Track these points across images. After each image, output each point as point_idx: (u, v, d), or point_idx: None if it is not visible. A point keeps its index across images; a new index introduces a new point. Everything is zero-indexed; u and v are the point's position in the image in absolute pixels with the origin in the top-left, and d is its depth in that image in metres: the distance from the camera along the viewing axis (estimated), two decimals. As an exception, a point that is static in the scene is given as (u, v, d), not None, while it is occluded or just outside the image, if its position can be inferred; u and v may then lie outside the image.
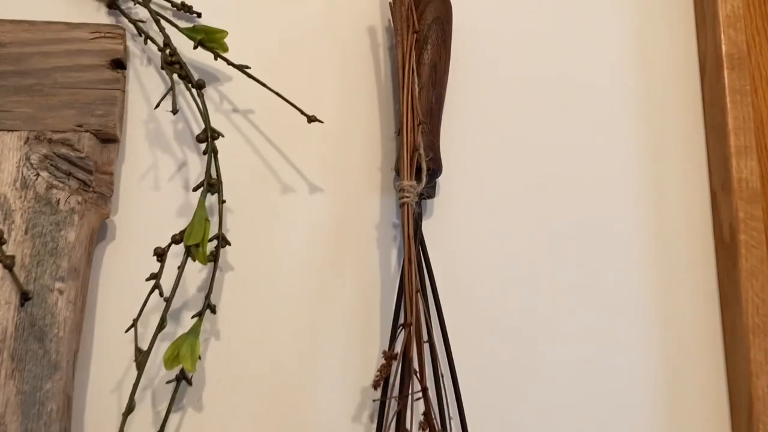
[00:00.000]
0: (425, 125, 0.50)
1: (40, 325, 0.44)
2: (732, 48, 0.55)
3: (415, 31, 0.51)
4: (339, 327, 0.50)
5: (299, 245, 0.51)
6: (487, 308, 0.51)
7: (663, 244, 0.54)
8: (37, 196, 0.47)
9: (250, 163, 0.52)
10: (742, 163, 0.54)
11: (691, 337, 0.53)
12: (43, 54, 0.49)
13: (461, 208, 0.53)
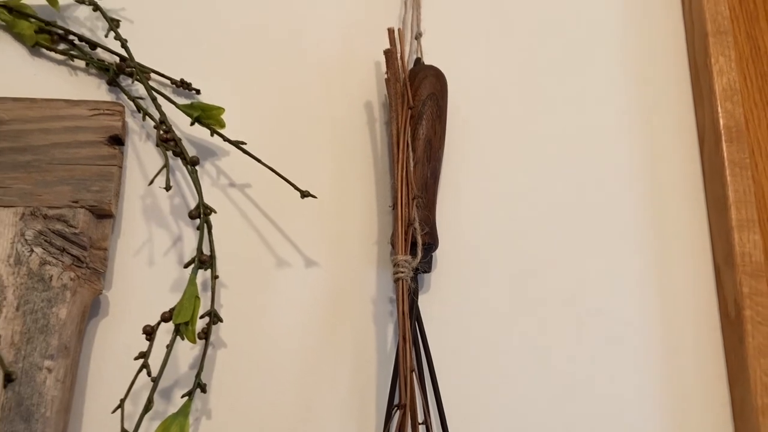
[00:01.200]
0: (420, 199, 0.50)
1: (27, 405, 0.44)
2: (730, 121, 0.55)
3: (410, 107, 0.52)
4: (333, 407, 0.49)
5: (294, 321, 0.51)
6: (487, 387, 0.50)
7: (668, 321, 0.53)
8: (30, 272, 0.47)
9: (246, 237, 0.52)
10: (745, 237, 0.53)
11: (700, 417, 0.51)
12: (43, 131, 0.50)
13: (459, 282, 0.53)
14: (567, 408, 0.50)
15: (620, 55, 0.59)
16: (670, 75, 0.59)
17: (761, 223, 0.54)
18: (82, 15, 0.56)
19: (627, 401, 0.50)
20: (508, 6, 0.60)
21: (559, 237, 0.54)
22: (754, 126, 0.57)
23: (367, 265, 0.52)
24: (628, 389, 0.51)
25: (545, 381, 0.50)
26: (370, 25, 0.58)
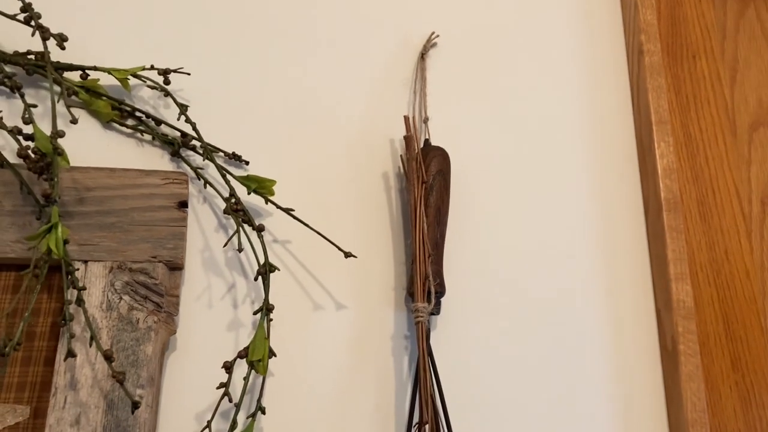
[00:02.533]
0: (433, 257, 0.63)
1: (124, 426, 0.54)
2: (669, 194, 0.70)
3: (424, 182, 0.64)
4: (362, 423, 0.61)
5: (328, 354, 0.62)
6: (484, 406, 0.63)
7: (620, 353, 0.67)
8: (120, 316, 0.57)
9: (288, 285, 0.64)
10: (680, 287, 0.67)
11: (646, 428, 0.65)
12: (123, 197, 0.60)
13: (461, 322, 0.65)
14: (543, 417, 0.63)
15: (581, 141, 0.73)
16: (621, 156, 0.74)
17: (692, 276, 0.70)
18: (146, 95, 0.66)
19: (586, 416, 0.64)
20: (496, 98, 0.73)
21: (536, 291, 0.67)
22: (687, 198, 0.72)
23: (386, 307, 0.65)
24: (588, 407, 0.65)
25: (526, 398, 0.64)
26: (387, 111, 0.70)
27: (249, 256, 0.63)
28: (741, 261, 0.71)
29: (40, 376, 0.56)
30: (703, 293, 0.70)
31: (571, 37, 0.77)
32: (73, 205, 0.59)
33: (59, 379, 0.54)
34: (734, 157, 0.75)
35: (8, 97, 0.63)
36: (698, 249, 0.71)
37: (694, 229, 0.71)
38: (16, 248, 0.57)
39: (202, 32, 0.70)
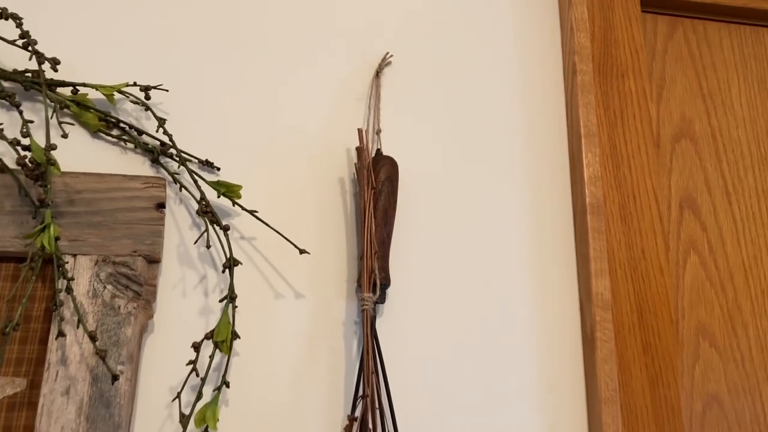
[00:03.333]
0: (379, 253, 0.72)
1: (107, 396, 0.63)
2: (593, 200, 0.79)
3: (373, 187, 0.73)
4: (317, 397, 0.70)
5: (287, 337, 0.72)
6: (422, 383, 0.72)
7: (547, 341, 0.76)
8: (104, 302, 0.66)
9: (252, 277, 0.73)
10: (599, 282, 0.77)
11: (566, 404, 0.75)
12: (108, 199, 0.69)
13: (400, 310, 0.75)
14: (470, 399, 0.73)
15: (519, 151, 0.82)
16: (555, 165, 0.83)
17: (611, 273, 0.79)
18: (129, 108, 0.75)
19: (514, 393, 0.74)
20: (443, 112, 0.82)
21: (472, 282, 0.77)
22: (609, 203, 0.81)
23: (339, 297, 0.74)
24: (516, 386, 0.74)
25: (460, 377, 0.73)
26: (345, 123, 0.79)
27: (219, 251, 0.72)
28: (656, 259, 0.80)
29: (35, 353, 0.65)
30: (620, 287, 0.79)
31: (514, 57, 0.86)
32: (65, 206, 0.68)
33: (51, 356, 0.63)
34: (655, 166, 0.84)
35: (8, 110, 0.71)
36: (618, 248, 0.80)
37: (615, 230, 0.81)
38: (15, 243, 0.66)
39: (179, 53, 0.78)
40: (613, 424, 0.72)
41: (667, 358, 0.78)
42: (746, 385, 0.80)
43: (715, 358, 0.80)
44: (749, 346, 0.81)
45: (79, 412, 0.62)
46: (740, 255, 0.84)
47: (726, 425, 0.78)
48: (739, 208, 0.86)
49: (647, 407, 0.76)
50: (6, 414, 0.63)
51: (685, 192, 0.85)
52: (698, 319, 0.81)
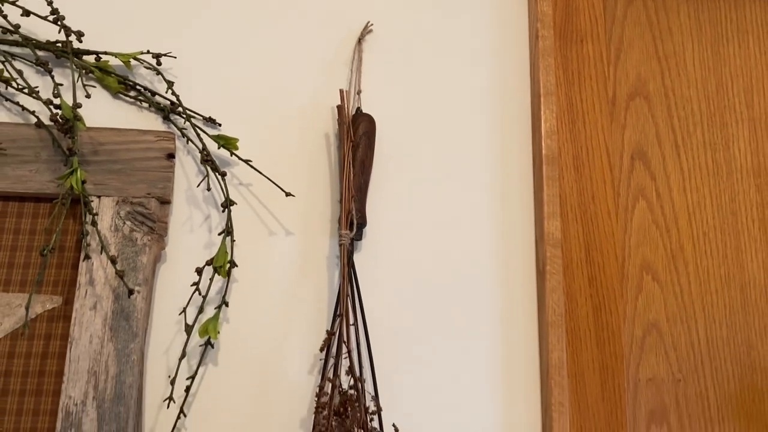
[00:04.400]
0: (356, 197, 0.84)
1: (127, 311, 0.77)
2: (548, 151, 0.90)
3: (352, 141, 0.85)
4: (303, 316, 0.83)
5: (279, 267, 0.84)
6: (391, 307, 0.85)
7: (506, 275, 0.88)
8: (124, 235, 0.79)
9: (249, 216, 0.85)
10: (551, 223, 0.88)
11: (520, 328, 0.86)
12: (127, 150, 0.82)
13: (377, 246, 0.87)
14: (434, 323, 0.85)
15: (486, 108, 0.93)
16: (517, 121, 0.93)
17: (562, 215, 0.90)
18: (144, 73, 0.88)
19: (474, 320, 0.86)
20: (417, 75, 0.93)
21: (439, 221, 0.88)
22: (564, 154, 0.92)
23: (324, 235, 0.86)
24: (477, 314, 0.86)
25: (426, 305, 0.85)
26: (331, 84, 0.91)
27: (219, 194, 0.85)
28: (605, 204, 0.91)
29: (68, 276, 0.79)
30: (570, 228, 0.90)
31: (486, 26, 0.96)
32: (90, 156, 0.81)
33: (81, 278, 0.77)
34: (608, 122, 0.94)
35: (42, 75, 0.84)
36: (570, 194, 0.91)
37: (568, 179, 0.91)
38: (50, 186, 0.80)
39: (186, 24, 0.90)
40: (558, 344, 0.84)
41: (611, 289, 0.89)
42: (684, 315, 0.91)
43: (656, 290, 0.91)
44: (689, 281, 0.92)
45: (104, 323, 0.76)
46: (685, 201, 0.94)
47: (663, 349, 0.89)
48: (687, 159, 0.96)
49: (590, 331, 0.87)
50: (47, 324, 0.77)
51: (637, 145, 0.95)
52: (643, 256, 0.92)
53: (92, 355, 0.75)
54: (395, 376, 0.82)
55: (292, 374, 0.81)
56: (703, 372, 0.89)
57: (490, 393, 0.84)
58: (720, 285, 0.92)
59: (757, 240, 0.94)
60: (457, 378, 0.84)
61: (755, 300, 0.92)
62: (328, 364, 0.79)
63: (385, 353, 0.82)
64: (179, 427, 0.78)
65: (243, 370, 0.81)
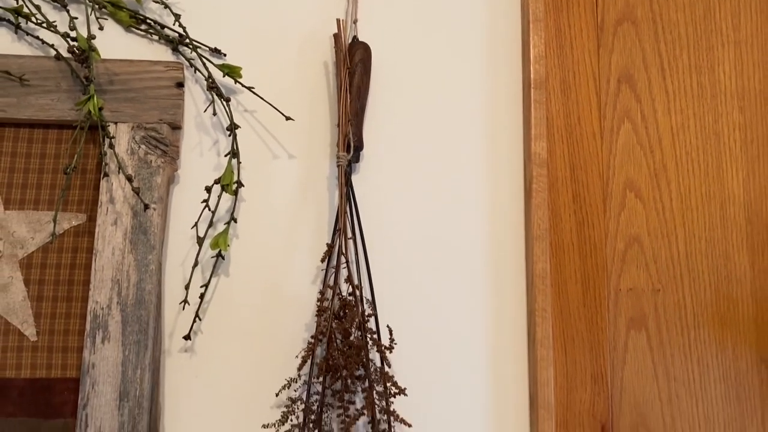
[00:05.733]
0: (353, 121, 0.90)
1: (145, 226, 0.84)
2: (536, 76, 0.95)
3: (348, 68, 0.90)
4: (306, 232, 0.90)
5: (283, 187, 0.91)
6: (386, 222, 0.91)
7: (496, 191, 0.94)
8: (139, 158, 0.86)
9: (254, 141, 0.92)
10: (537, 144, 0.93)
11: (509, 240, 0.93)
12: (139, 79, 0.89)
13: (374, 168, 0.93)
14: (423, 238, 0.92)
15: (477, 36, 0.97)
16: (508, 46, 0.98)
17: (548, 137, 0.95)
18: (153, 6, 0.93)
19: (464, 232, 0.92)
20: (409, 5, 0.98)
21: (431, 141, 0.94)
22: (552, 79, 0.96)
23: (324, 158, 0.93)
24: (466, 228, 0.92)
25: (417, 212, 0.92)
26: (329, 14, 0.95)
27: (226, 120, 0.91)
28: (590, 126, 0.96)
29: (91, 196, 0.86)
30: (556, 148, 0.95)
31: (477, -47, 1.00)
32: (106, 85, 0.88)
33: (102, 197, 0.85)
34: (595, 47, 0.98)
35: (59, 11, 0.90)
36: (556, 116, 0.96)
37: (555, 102, 0.96)
38: (71, 114, 0.87)
39: (192, -42, 0.96)
40: (542, 256, 0.91)
41: (594, 206, 0.95)
42: (665, 230, 0.96)
43: (639, 207, 0.97)
44: (670, 198, 0.97)
45: (125, 237, 0.84)
46: (669, 123, 0.99)
47: (644, 261, 0.95)
48: (672, 82, 1.00)
49: (573, 244, 0.94)
50: (73, 238, 0.85)
51: (623, 69, 0.99)
52: (627, 175, 0.97)
53: (115, 265, 0.83)
54: (389, 284, 0.89)
55: (297, 284, 0.89)
56: (681, 282, 0.95)
57: (479, 300, 0.91)
58: (700, 202, 0.97)
59: (738, 159, 0.99)
60: (447, 285, 0.91)
61: (734, 216, 0.97)
62: (329, 274, 0.86)
63: (380, 264, 0.89)
64: (195, 330, 0.86)
65: (252, 280, 0.89)
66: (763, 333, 0.95)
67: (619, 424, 0.91)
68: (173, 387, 0.85)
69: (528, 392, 0.89)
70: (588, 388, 0.91)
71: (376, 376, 0.83)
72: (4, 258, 0.84)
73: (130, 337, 0.81)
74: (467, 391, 0.88)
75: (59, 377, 0.82)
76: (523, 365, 0.90)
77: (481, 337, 0.90)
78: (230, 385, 0.86)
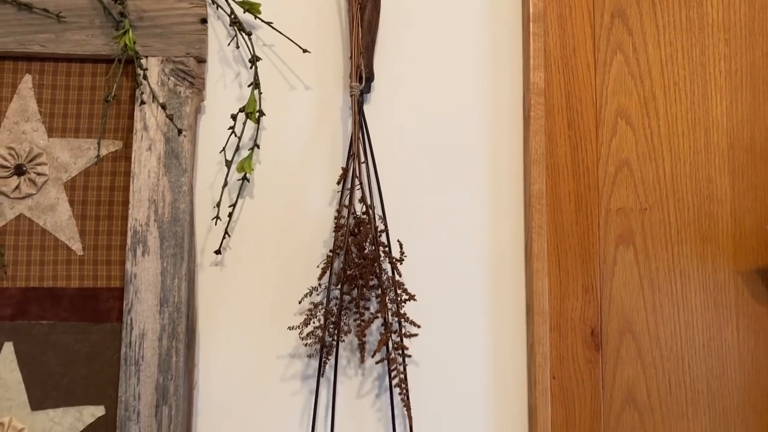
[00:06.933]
0: (364, 54, 0.97)
1: (176, 151, 0.93)
2: (535, 9, 1.01)
3: (359, 3, 0.97)
4: (322, 158, 0.99)
5: (301, 117, 0.99)
6: (396, 147, 1.00)
7: (496, 118, 1.02)
8: (169, 89, 0.94)
9: (273, 73, 0.99)
10: (535, 74, 1.00)
11: (508, 163, 1.01)
12: (166, 16, 0.95)
13: (384, 97, 1.01)
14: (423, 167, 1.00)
15: None
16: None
17: (546, 67, 1.02)
18: (176, -53, 1.00)
19: (463, 154, 1.00)
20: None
21: (437, 74, 1.02)
22: (549, 13, 1.03)
23: (338, 89, 1.00)
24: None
25: (423, 138, 1.00)
26: (339, -47, 1.02)
27: (247, 54, 0.98)
28: (585, 57, 1.03)
29: (126, 125, 0.94)
30: (553, 78, 1.03)
31: None
32: (136, 22, 0.95)
33: (137, 125, 0.93)
34: (591, -17, 1.04)
35: (89, -49, 0.97)
36: (554, 48, 1.03)
37: (552, 35, 1.03)
38: (105, 48, 0.94)
39: None
40: (539, 178, 0.99)
41: (587, 132, 1.03)
42: (652, 154, 1.04)
43: (629, 133, 1.04)
44: (658, 125, 1.05)
45: (159, 161, 0.92)
46: (659, 54, 1.06)
47: (632, 183, 1.04)
48: (663, 17, 1.06)
49: (568, 167, 1.02)
50: (113, 163, 0.94)
51: (617, 4, 1.06)
52: (619, 103, 1.05)
53: (151, 186, 0.92)
54: (399, 203, 0.98)
55: (315, 204, 0.98)
56: (666, 202, 1.04)
57: (480, 218, 1.00)
58: (686, 128, 1.05)
59: (723, 88, 1.06)
60: (451, 203, 1.00)
61: (717, 141, 1.05)
62: (344, 195, 0.95)
63: (390, 185, 0.98)
64: (224, 246, 0.95)
65: (275, 202, 0.98)
66: (740, 248, 1.04)
67: (607, 329, 1.01)
68: (206, 296, 0.95)
69: (525, 301, 0.99)
70: (579, 297, 1.01)
71: (388, 284, 0.93)
72: (50, 181, 0.93)
73: (168, 250, 0.91)
74: (469, 298, 0.98)
75: (104, 287, 0.91)
76: (520, 276, 0.99)
77: (482, 250, 0.99)
78: (257, 294, 0.96)
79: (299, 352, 0.95)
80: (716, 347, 1.02)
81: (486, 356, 0.97)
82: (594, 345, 1.00)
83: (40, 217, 0.92)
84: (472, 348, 0.97)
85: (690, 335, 1.02)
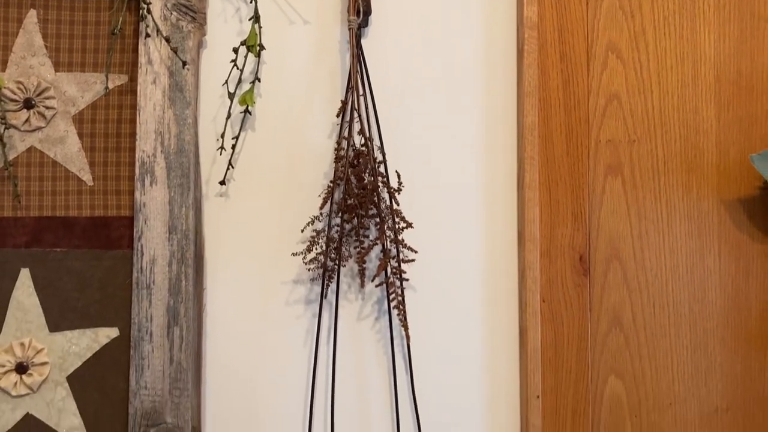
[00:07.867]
0: (362, -12, 0.99)
1: (180, 84, 0.96)
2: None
3: (357, -62, 0.99)
4: (321, 91, 1.02)
5: (300, 51, 1.02)
6: (393, 81, 1.03)
7: (490, 51, 1.04)
8: (171, 24, 0.96)
9: (272, 8, 1.01)
10: (529, 8, 1.03)
11: (502, 95, 1.04)
12: (167, -49, 0.97)
13: (381, 32, 1.03)
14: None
15: None
16: None
17: (539, 2, 1.04)
18: None
19: (464, 90, 1.03)
20: None
21: (434, 10, 1.04)
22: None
23: (336, 23, 1.03)
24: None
25: (419, 75, 1.03)
26: None
27: (247, -11, 1.01)
28: (577, -9, 1.06)
29: (131, 59, 0.97)
30: (546, 13, 1.05)
31: None
32: (137, -43, 0.97)
33: (142, 59, 0.95)
34: None
35: None
36: (547, -17, 1.05)
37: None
38: (107, -17, 0.96)
39: None
40: (532, 110, 1.03)
41: (579, 65, 1.06)
42: (642, 87, 1.08)
43: (619, 66, 1.08)
44: (648, 59, 1.08)
45: (164, 94, 0.95)
46: (650, -11, 1.08)
47: (622, 115, 1.07)
48: (654, -50, 1.08)
49: (559, 100, 1.05)
50: (118, 96, 0.97)
51: (610, -62, 1.08)
52: (609, 38, 1.08)
53: (157, 119, 0.95)
54: (397, 135, 1.02)
55: (315, 136, 1.01)
56: (654, 134, 1.08)
57: (474, 147, 1.03)
58: (675, 62, 1.08)
59: (711, 23, 1.09)
60: (447, 135, 1.03)
61: (704, 74, 1.08)
62: (343, 127, 0.98)
63: (388, 117, 1.01)
64: (228, 177, 0.99)
65: (276, 134, 1.01)
66: (723, 178, 1.08)
67: (595, 255, 1.06)
68: (213, 225, 0.99)
69: (516, 228, 1.04)
70: (569, 224, 1.06)
71: (386, 213, 0.97)
72: (59, 114, 0.96)
73: (174, 180, 0.94)
74: (463, 225, 1.03)
75: (115, 215, 0.95)
76: (512, 204, 1.04)
77: (476, 180, 1.03)
78: (262, 223, 1.00)
79: (302, 278, 1.00)
80: (699, 273, 1.07)
81: (479, 280, 1.02)
82: (582, 270, 1.05)
83: (50, 149, 0.96)
84: (466, 272, 1.02)
85: (674, 261, 1.07)
